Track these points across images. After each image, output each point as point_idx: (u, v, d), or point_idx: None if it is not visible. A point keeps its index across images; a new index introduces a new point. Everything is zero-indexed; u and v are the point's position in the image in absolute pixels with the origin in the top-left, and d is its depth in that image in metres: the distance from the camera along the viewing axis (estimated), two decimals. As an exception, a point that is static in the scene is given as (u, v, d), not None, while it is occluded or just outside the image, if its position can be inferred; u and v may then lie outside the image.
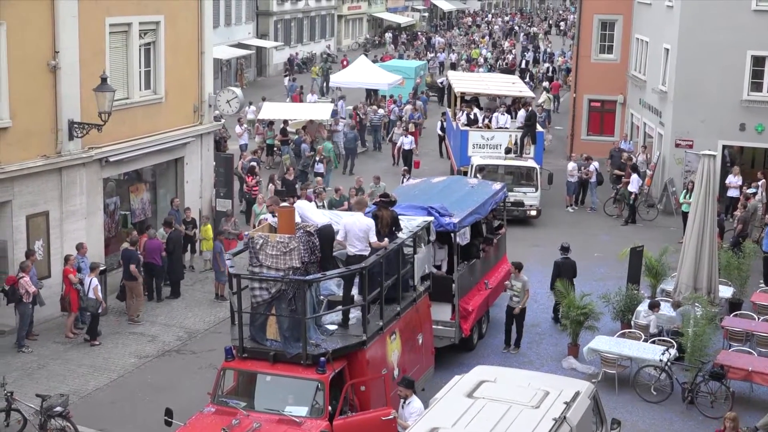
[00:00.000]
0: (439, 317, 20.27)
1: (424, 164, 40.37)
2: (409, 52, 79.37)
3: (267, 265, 15.66)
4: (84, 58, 22.92)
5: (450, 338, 20.74)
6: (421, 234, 18.97)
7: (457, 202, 22.02)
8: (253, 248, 15.80)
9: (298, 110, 43.59)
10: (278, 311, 15.63)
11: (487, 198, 23.23)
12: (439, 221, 20.08)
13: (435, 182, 25.44)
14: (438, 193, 23.23)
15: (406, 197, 21.96)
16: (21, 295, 20.79)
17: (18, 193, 21.67)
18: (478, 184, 25.15)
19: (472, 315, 21.20)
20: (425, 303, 19.12)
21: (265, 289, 15.61)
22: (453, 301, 20.63)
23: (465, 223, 21.23)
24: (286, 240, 15.59)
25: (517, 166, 33.51)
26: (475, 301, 21.63)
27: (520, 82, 43.83)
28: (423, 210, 20.26)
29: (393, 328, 17.21)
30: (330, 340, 15.88)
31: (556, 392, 14.15)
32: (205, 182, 28.32)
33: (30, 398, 17.38)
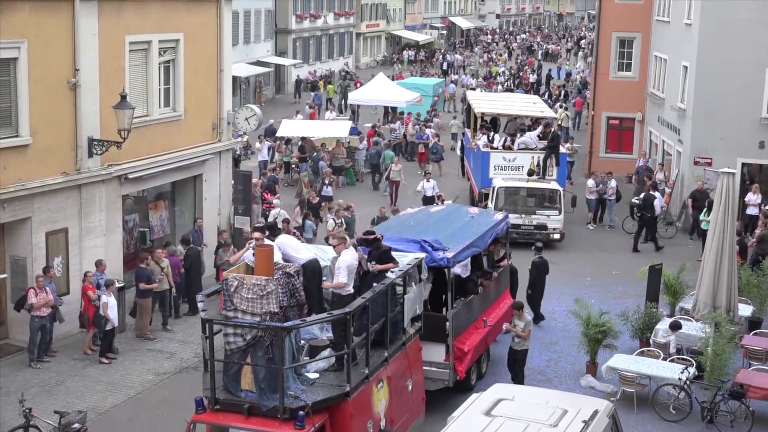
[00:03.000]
0: (432, 358, 19.03)
1: (442, 188, 40.24)
2: (431, 71, 79.45)
3: (242, 310, 14.48)
4: (104, 75, 23.07)
5: (444, 381, 19.32)
6: (413, 272, 17.78)
7: (454, 234, 20.85)
8: (227, 290, 14.62)
9: (316, 127, 43.69)
10: (254, 360, 14.43)
11: (487, 229, 22.00)
12: (432, 256, 18.92)
13: (433, 211, 24.31)
14: (435, 223, 22.10)
15: (400, 228, 21.25)
16: (29, 305, 20.88)
17: (38, 209, 21.78)
18: (478, 213, 23.99)
19: (468, 356, 19.79)
20: (416, 346, 17.96)
21: (240, 336, 14.44)
22: (447, 341, 19.27)
23: (460, 258, 19.95)
24: (263, 282, 14.42)
25: (540, 189, 32.73)
26: (472, 341, 20.20)
27: (541, 102, 43.30)
28: (415, 244, 19.17)
29: (380, 375, 16.05)
30: (310, 391, 14.62)
31: (575, 411, 14.10)
32: (224, 199, 28.40)
33: (48, 415, 17.41)
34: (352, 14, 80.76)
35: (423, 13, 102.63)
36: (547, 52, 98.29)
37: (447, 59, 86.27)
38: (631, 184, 38.61)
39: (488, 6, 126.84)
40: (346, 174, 40.60)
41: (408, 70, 75.30)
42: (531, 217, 31.87)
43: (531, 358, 22.52)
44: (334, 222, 28.83)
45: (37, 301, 20.83)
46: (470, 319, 20.66)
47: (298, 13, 69.78)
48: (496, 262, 23.62)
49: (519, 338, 20.35)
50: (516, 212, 31.57)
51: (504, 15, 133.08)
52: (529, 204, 32.37)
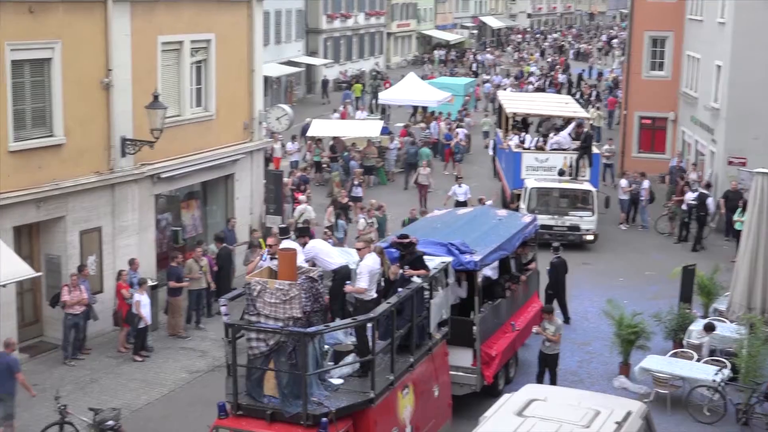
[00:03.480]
0: (459, 363, 18.85)
1: (475, 187, 40.16)
2: (459, 70, 79.34)
3: (265, 314, 14.26)
4: (136, 75, 23.24)
5: (471, 386, 19.14)
6: (439, 276, 17.54)
7: (481, 237, 20.64)
8: (250, 295, 14.41)
9: (347, 127, 43.72)
10: (277, 365, 14.23)
11: (515, 232, 21.71)
12: (458, 259, 18.74)
13: (460, 214, 24.01)
14: (462, 226, 21.81)
15: (427, 230, 21.08)
16: (62, 303, 21.06)
17: (72, 208, 21.97)
18: (506, 216, 23.67)
19: (495, 360, 19.55)
20: (442, 351, 17.68)
21: (263, 341, 14.25)
22: (474, 346, 19.07)
23: (487, 261, 19.73)
24: (286, 287, 14.15)
25: (573, 189, 32.46)
26: (499, 345, 19.97)
27: (574, 102, 42.95)
28: (442, 247, 18.96)
29: (405, 381, 15.78)
30: (334, 397, 14.35)
31: (607, 412, 14.04)
32: (255, 198, 28.51)
33: (83, 411, 17.56)
34: (383, 14, 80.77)
35: (454, 12, 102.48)
36: (578, 52, 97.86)
37: (477, 59, 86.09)
38: (664, 185, 38.38)
39: (519, 5, 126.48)
40: (377, 174, 40.62)
41: (437, 70, 75.06)
42: (564, 218, 31.66)
43: (563, 359, 22.42)
44: (366, 222, 28.87)
45: (70, 299, 21.02)
46: (498, 324, 20.44)
47: (328, 12, 69.89)
48: (524, 265, 23.26)
49: (550, 342, 20.08)
50: (548, 213, 31.45)
51: (535, 14, 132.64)
52: (562, 205, 32.15)
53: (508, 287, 21.41)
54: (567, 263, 25.51)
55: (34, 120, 21.12)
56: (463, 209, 26.17)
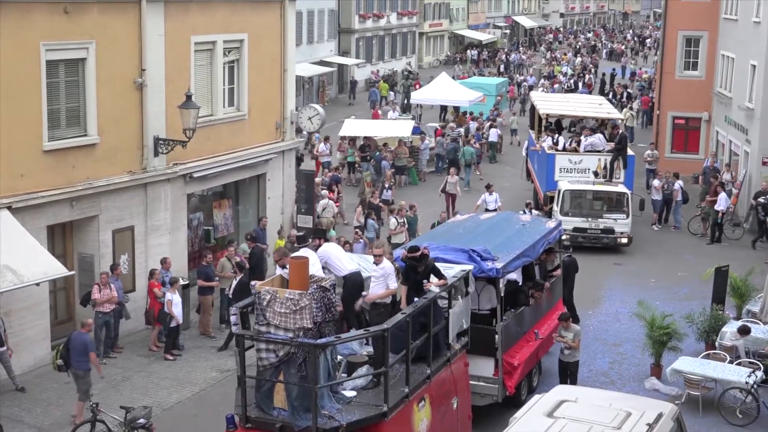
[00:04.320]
0: (480, 372, 18.41)
1: (507, 187, 40.05)
2: (487, 70, 79.09)
3: (275, 325, 13.91)
4: (170, 75, 23.36)
5: (492, 396, 18.64)
6: (459, 285, 17.07)
7: (504, 243, 20.19)
8: (259, 304, 14.05)
9: (379, 127, 43.74)
10: (286, 377, 13.87)
11: (539, 238, 21.18)
12: (480, 266, 18.22)
13: (483, 219, 23.55)
14: (484, 232, 21.39)
15: (449, 236, 20.71)
16: (93, 301, 21.21)
17: (105, 207, 22.11)
18: (531, 221, 23.19)
19: (518, 370, 19.05)
20: (462, 362, 17.19)
21: (273, 352, 13.90)
22: (496, 355, 18.58)
23: (510, 268, 19.16)
24: (297, 297, 13.80)
25: (607, 192, 32.01)
26: (522, 354, 19.48)
27: (607, 103, 42.55)
28: (463, 253, 18.49)
29: (422, 393, 15.27)
30: (346, 411, 13.91)
31: (639, 413, 13.96)
32: (287, 198, 28.58)
33: (114, 410, 17.69)
34: (415, 14, 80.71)
35: (486, 12, 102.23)
36: (611, 51, 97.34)
37: (510, 59, 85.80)
38: (697, 185, 38.09)
39: (552, 5, 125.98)
40: (409, 174, 40.60)
41: (466, 71, 74.66)
42: (597, 220, 31.34)
43: (594, 360, 22.42)
44: (397, 221, 28.87)
45: (101, 297, 21.15)
46: (521, 332, 20.00)
47: (361, 12, 69.92)
48: (549, 272, 22.75)
49: (569, 350, 19.71)
50: (582, 216, 31.24)
51: (568, 14, 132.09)
52: (596, 207, 31.83)
53: (532, 294, 20.91)
54: (577, 262, 25.10)
55: (68, 120, 21.29)
56: (487, 214, 25.75)
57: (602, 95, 57.50)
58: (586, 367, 21.88)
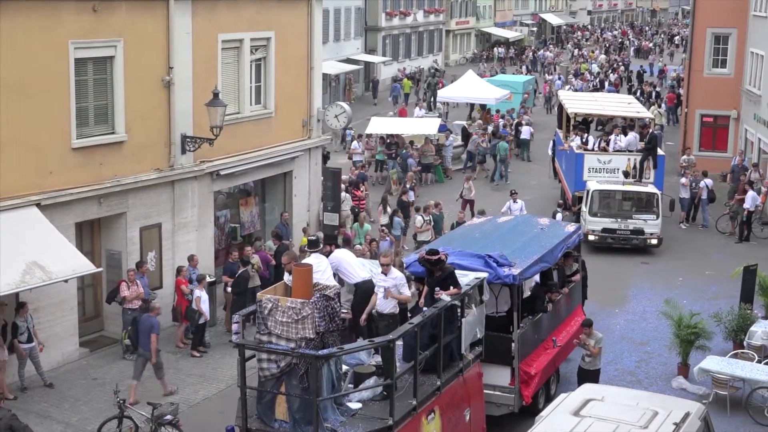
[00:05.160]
0: (496, 381, 17.89)
1: (534, 185, 39.87)
2: (510, 69, 78.70)
3: (276, 334, 13.58)
4: (197, 73, 23.44)
5: (508, 406, 18.07)
6: (473, 294, 16.67)
7: (521, 248, 19.61)
8: (261, 313, 13.74)
9: (405, 125, 43.71)
10: (288, 388, 13.58)
11: (558, 243, 20.51)
12: (496, 272, 17.75)
13: (501, 222, 22.93)
14: (502, 236, 20.83)
15: (465, 240, 20.23)
16: (121, 298, 21.31)
17: (132, 205, 22.23)
18: (549, 225, 22.39)
19: (535, 379, 18.47)
20: (475, 372, 16.81)
21: (274, 362, 13.61)
22: (512, 364, 18.01)
23: (527, 275, 18.61)
24: (298, 306, 13.46)
25: (637, 192, 31.57)
26: (539, 363, 18.90)
27: (636, 102, 42.17)
28: (479, 259, 18.00)
29: (431, 405, 14.88)
30: (350, 423, 13.58)
31: (666, 413, 13.88)
32: (313, 196, 28.62)
33: (141, 406, 17.81)
34: (442, 11, 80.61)
35: (513, 10, 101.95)
36: (638, 49, 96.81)
37: (537, 56, 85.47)
38: (725, 184, 37.82)
39: (579, 2, 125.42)
40: (435, 171, 40.56)
41: (488, 70, 74.11)
42: (627, 221, 31.01)
43: (621, 359, 22.34)
44: (423, 219, 28.84)
45: (130, 294, 21.27)
46: (538, 340, 19.38)
47: (387, 10, 69.90)
48: (568, 276, 22.00)
49: (590, 357, 19.05)
50: (611, 216, 30.99)
51: (596, 11, 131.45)
52: (625, 208, 31.50)
53: (549, 300, 20.28)
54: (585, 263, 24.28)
55: (96, 117, 21.41)
56: (505, 217, 25.05)
57: (630, 94, 57.15)
58: (612, 366, 21.80)
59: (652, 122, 37.54)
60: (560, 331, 20.54)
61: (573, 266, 22.37)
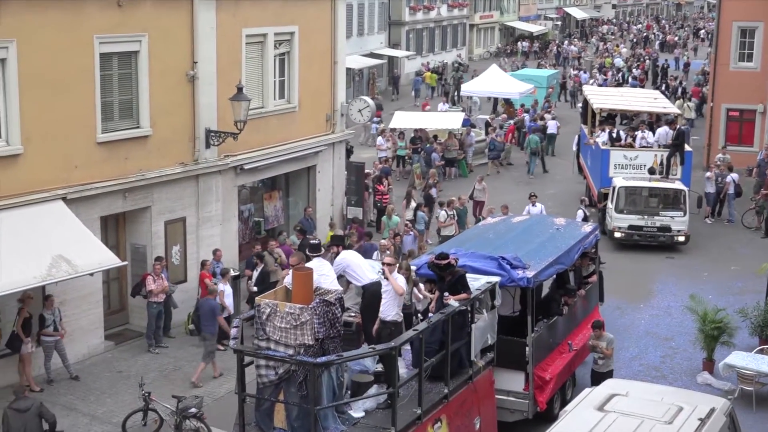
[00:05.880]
0: (509, 387, 17.56)
1: (558, 179, 39.72)
2: (530, 63, 78.36)
3: (275, 340, 13.26)
4: (221, 67, 23.51)
5: (522, 412, 17.73)
6: (484, 298, 16.27)
7: (536, 249, 19.28)
8: (259, 318, 13.44)
9: (429, 119, 43.68)
10: (287, 396, 13.27)
11: (574, 243, 20.14)
12: (510, 275, 17.33)
13: (515, 222, 22.54)
14: (516, 236, 20.56)
15: (478, 241, 19.98)
16: (148, 291, 21.42)
17: (157, 199, 22.34)
18: (565, 225, 21.99)
19: (550, 384, 18.09)
20: (487, 379, 16.47)
21: (272, 369, 13.28)
22: (527, 369, 17.65)
23: (542, 277, 18.23)
24: (297, 311, 13.11)
25: (664, 189, 31.11)
26: (555, 368, 18.51)
27: (663, 98, 41.61)
28: (492, 261, 17.61)
29: (438, 414, 14.53)
30: None
31: (690, 408, 13.83)
32: (337, 190, 28.66)
33: (166, 399, 17.86)
34: (466, 5, 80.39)
35: (537, 3, 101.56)
36: (663, 42, 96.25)
37: (561, 50, 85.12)
38: (751, 178, 37.57)
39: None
40: (459, 166, 40.50)
41: (509, 65, 73.55)
42: (654, 218, 30.68)
43: (646, 354, 22.28)
44: (446, 214, 28.81)
45: (156, 287, 21.37)
46: (553, 344, 19.03)
47: (411, 4, 69.78)
48: (584, 278, 21.65)
49: (603, 359, 18.73)
50: (638, 213, 30.75)
51: (620, 5, 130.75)
52: (652, 204, 31.18)
53: (565, 303, 19.91)
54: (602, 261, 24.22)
55: (121, 112, 21.52)
56: (519, 217, 24.39)
57: (655, 88, 56.77)
58: (637, 361, 21.76)
59: (679, 117, 37.15)
60: (576, 334, 20.15)
61: (590, 267, 22.07)
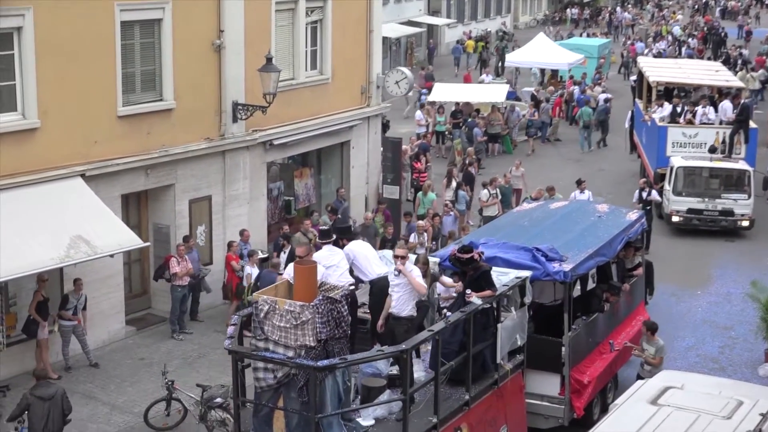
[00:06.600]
0: (543, 391, 17.13)
1: (609, 160, 39.41)
2: (593, 30, 77.82)
3: (274, 340, 12.84)
4: (249, 37, 23.51)
5: (558, 418, 17.25)
6: (512, 295, 15.85)
7: (575, 240, 18.64)
8: (257, 316, 12.99)
9: (470, 92, 43.46)
10: (286, 402, 12.87)
11: (617, 233, 19.44)
12: (545, 268, 16.80)
13: (554, 209, 21.63)
14: (553, 225, 19.88)
15: (512, 229, 19.45)
16: (171, 274, 21.54)
17: (181, 176, 22.44)
18: (608, 212, 21.17)
19: (588, 388, 17.56)
20: (515, 384, 16.08)
21: (271, 372, 12.83)
22: (562, 371, 17.14)
23: (581, 270, 17.52)
24: (297, 309, 12.66)
25: (726, 169, 30.54)
26: (594, 370, 17.96)
27: (725, 70, 40.73)
28: (526, 252, 17.08)
29: (457, 422, 14.16)
30: None
31: (751, 402, 13.76)
32: (372, 167, 28.66)
33: (190, 388, 17.98)
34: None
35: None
36: (725, 9, 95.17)
37: (613, 17, 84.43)
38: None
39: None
40: (503, 142, 40.31)
41: (554, 34, 72.88)
42: (715, 201, 30.22)
43: (703, 344, 22.19)
44: (489, 193, 28.71)
45: (180, 270, 21.50)
46: (593, 344, 18.45)
47: (453, -32, 69.56)
48: (629, 271, 20.98)
49: (649, 366, 17.73)
50: (698, 196, 30.38)
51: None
52: (713, 186, 30.72)
53: (607, 299, 19.21)
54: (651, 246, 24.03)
55: (143, 84, 21.61)
56: (558, 203, 23.23)
57: (715, 59, 56.11)
58: (694, 351, 21.66)
59: (743, 91, 36.59)
60: (619, 332, 19.57)
61: (635, 259, 21.34)
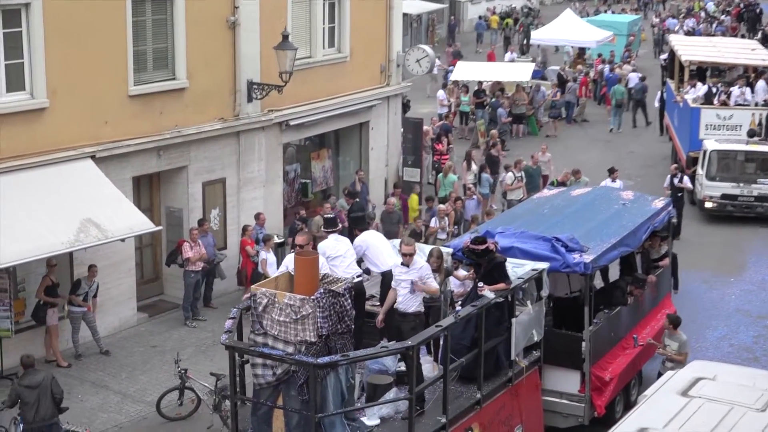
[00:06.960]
0: (562, 388, 16.91)
1: (639, 142, 39.14)
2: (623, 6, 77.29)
3: (273, 335, 12.64)
4: (265, 13, 23.44)
5: (577, 417, 17.02)
6: (528, 288, 15.66)
7: (597, 229, 18.35)
8: (255, 309, 12.79)
9: (494, 70, 43.27)
10: (286, 400, 12.71)
11: (642, 222, 19.07)
12: (565, 260, 16.54)
13: (575, 196, 21.28)
14: (575, 213, 19.57)
15: (531, 217, 19.22)
16: (184, 259, 21.53)
17: (194, 158, 22.43)
18: (633, 199, 20.72)
19: (610, 386, 17.32)
20: (531, 381, 15.96)
21: (270, 368, 12.66)
22: (583, 368, 16.89)
23: (602, 262, 17.42)
24: (297, 303, 12.43)
25: (763, 153, 30.11)
26: (616, 366, 17.70)
27: (762, 48, 40.02)
28: (545, 242, 16.82)
29: (468, 422, 14.05)
30: None
31: (787, 395, 13.64)
32: (392, 149, 28.60)
33: (204, 376, 17.96)
34: (537, -57, 79.48)
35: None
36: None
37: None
38: None
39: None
40: (528, 122, 40.13)
41: (580, 10, 72.42)
42: (751, 186, 29.83)
43: (736, 333, 22.06)
44: (514, 176, 28.56)
45: (193, 255, 21.49)
46: (615, 338, 18.16)
47: (476, -58, 69.18)
48: (654, 261, 20.65)
49: (672, 362, 17.02)
50: (732, 181, 30.13)
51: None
52: (749, 171, 30.36)
53: (630, 292, 18.91)
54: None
55: (155, 62, 21.58)
56: (580, 190, 22.59)
57: (750, 36, 55.59)
58: (726, 341, 21.55)
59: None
60: (643, 326, 19.26)
61: (661, 249, 21.04)
